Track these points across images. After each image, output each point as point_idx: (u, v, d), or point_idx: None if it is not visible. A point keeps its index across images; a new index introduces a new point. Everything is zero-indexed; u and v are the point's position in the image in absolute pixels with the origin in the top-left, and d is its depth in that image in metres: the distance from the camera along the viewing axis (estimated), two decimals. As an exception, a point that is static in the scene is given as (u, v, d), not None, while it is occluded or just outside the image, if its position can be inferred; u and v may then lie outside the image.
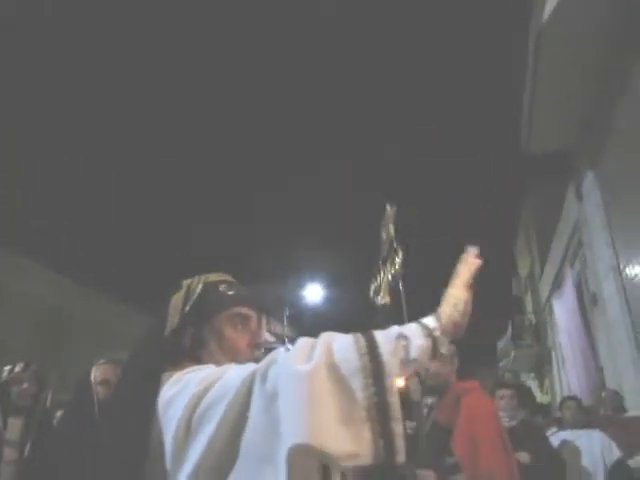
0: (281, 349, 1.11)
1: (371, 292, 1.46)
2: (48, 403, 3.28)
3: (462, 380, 2.87)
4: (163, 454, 1.08)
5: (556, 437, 4.34)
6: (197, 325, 1.34)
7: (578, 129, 7.98)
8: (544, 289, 13.86)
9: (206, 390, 1.08)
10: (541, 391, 15.05)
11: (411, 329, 1.15)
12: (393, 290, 1.47)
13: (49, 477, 2.55)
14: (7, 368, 3.06)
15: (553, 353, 13.33)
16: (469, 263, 1.29)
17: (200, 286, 1.40)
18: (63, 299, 12.38)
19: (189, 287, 1.40)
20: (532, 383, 15.73)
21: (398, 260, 1.42)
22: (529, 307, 17.06)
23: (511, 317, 16.45)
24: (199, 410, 1.06)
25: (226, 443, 1.01)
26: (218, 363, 1.26)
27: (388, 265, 1.44)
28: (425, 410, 2.77)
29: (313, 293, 14.26)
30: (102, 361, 2.94)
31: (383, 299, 1.43)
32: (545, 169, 12.19)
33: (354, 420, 0.98)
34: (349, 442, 0.96)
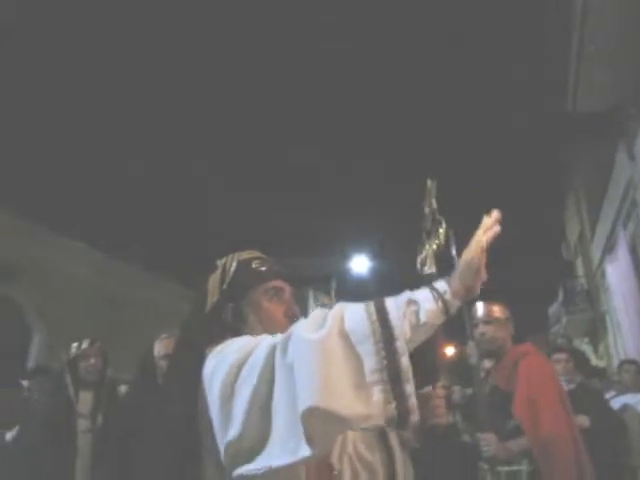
0: (300, 321, 1.15)
1: (418, 264, 1.48)
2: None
3: (516, 345, 2.85)
4: (210, 422, 1.18)
5: (616, 401, 4.25)
6: (235, 300, 1.44)
7: (630, 85, 7.63)
8: (596, 252, 13.47)
9: (241, 361, 1.16)
10: (596, 356, 14.75)
11: (422, 294, 1.20)
12: (440, 260, 1.49)
13: (120, 445, 2.68)
14: (75, 345, 3.20)
15: (607, 317, 13.00)
16: (487, 227, 1.28)
17: (234, 264, 1.50)
18: (110, 279, 12.74)
19: (224, 266, 1.50)
20: (586, 348, 15.42)
21: (442, 231, 1.43)
22: (580, 271, 16.64)
23: (562, 282, 16.08)
24: (237, 381, 1.14)
25: (260, 414, 1.08)
26: (256, 334, 1.35)
27: (432, 237, 1.46)
28: (482, 374, 2.77)
29: (359, 264, 14.16)
30: (164, 336, 3.03)
31: (429, 269, 1.44)
32: (593, 129, 11.74)
33: (365, 383, 1.03)
34: (361, 405, 1.01)
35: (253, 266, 1.50)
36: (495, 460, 2.39)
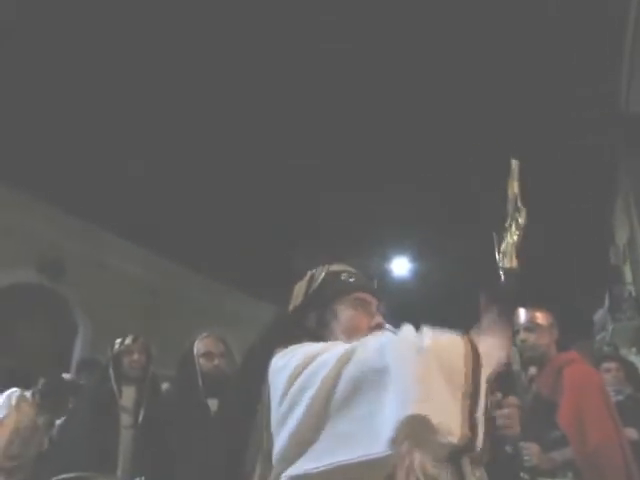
0: (386, 331, 1.18)
1: (498, 256, 1.39)
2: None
3: (560, 352, 2.76)
4: (269, 421, 1.17)
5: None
6: (319, 308, 1.44)
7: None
8: (646, 258, 12.99)
9: (308, 363, 1.14)
10: (644, 367, 14.22)
11: None
12: (520, 254, 1.39)
13: (162, 440, 2.73)
14: (118, 340, 3.27)
15: (658, 326, 12.52)
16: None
17: (323, 274, 1.51)
18: (154, 276, 13.00)
19: (312, 276, 1.52)
20: (634, 359, 14.88)
21: (521, 221, 1.35)
22: (628, 277, 16.08)
23: (609, 288, 15.55)
24: (299, 380, 1.12)
25: (321, 410, 1.06)
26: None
27: (513, 227, 1.37)
28: (526, 382, 2.70)
29: (400, 267, 14.02)
30: (204, 335, 3.08)
31: (509, 263, 1.35)
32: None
33: (456, 400, 1.02)
34: (453, 420, 1.00)
35: (342, 278, 1.50)
36: (537, 471, 2.33)
